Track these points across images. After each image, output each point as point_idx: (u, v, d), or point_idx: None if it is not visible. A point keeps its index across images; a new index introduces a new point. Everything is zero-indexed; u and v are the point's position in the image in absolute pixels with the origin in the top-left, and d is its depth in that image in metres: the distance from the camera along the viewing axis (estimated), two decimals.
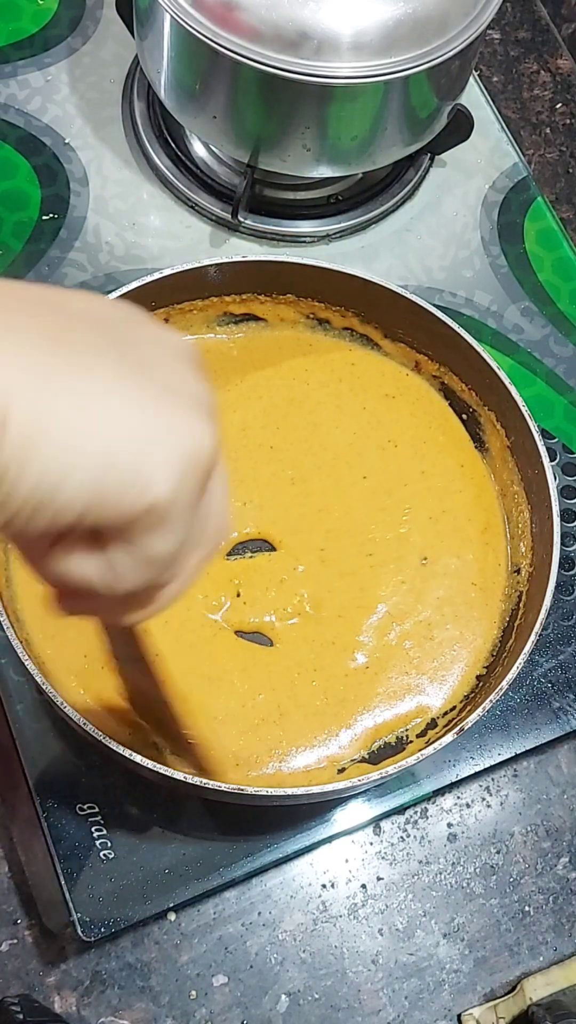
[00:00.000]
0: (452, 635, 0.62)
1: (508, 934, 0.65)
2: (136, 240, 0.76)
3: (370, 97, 0.64)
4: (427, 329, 0.65)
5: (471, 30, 0.64)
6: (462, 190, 0.81)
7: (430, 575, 0.63)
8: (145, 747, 0.57)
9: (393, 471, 0.65)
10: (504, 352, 0.77)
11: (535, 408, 0.65)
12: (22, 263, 0.75)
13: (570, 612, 0.69)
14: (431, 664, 0.61)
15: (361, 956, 0.64)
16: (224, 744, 0.58)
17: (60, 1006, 0.61)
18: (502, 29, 0.95)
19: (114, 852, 0.60)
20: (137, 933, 0.63)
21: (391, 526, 0.64)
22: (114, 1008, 0.61)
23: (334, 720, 0.59)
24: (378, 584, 0.62)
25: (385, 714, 0.60)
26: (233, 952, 0.63)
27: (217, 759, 0.58)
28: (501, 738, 0.66)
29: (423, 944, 0.64)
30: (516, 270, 0.78)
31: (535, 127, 0.92)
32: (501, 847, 0.67)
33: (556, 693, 0.67)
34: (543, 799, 0.68)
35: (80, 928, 0.59)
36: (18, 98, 0.79)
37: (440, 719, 0.60)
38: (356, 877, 0.65)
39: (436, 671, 0.61)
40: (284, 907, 0.64)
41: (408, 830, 0.66)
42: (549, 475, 0.60)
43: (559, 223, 0.81)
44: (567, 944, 0.65)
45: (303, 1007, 0.62)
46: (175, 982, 0.62)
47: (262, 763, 0.58)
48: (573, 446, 0.73)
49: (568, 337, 0.78)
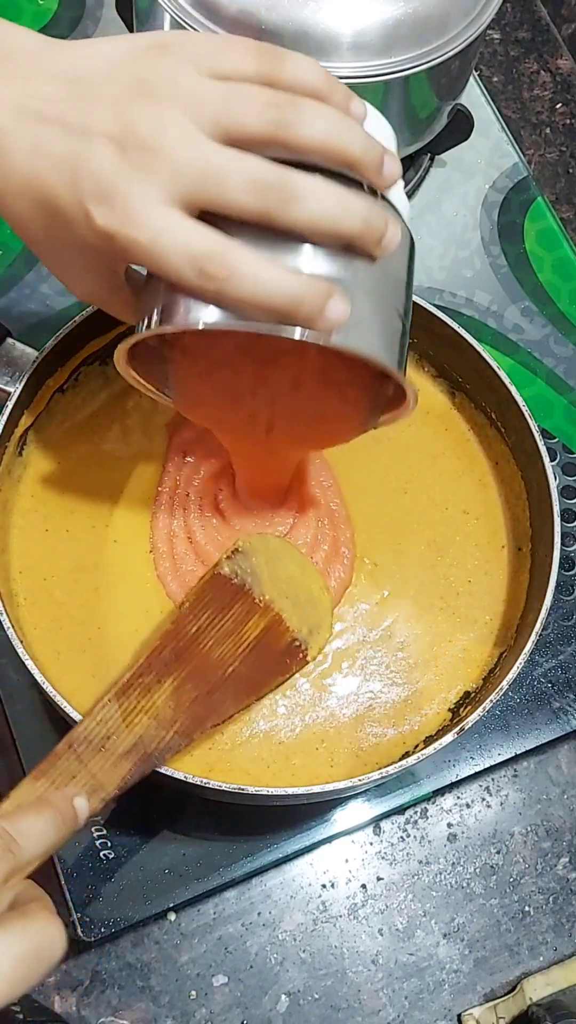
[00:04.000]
0: (451, 635, 0.62)
1: (508, 934, 0.65)
2: None
3: (370, 97, 0.64)
4: (427, 329, 0.65)
5: (471, 30, 0.64)
6: (462, 190, 0.81)
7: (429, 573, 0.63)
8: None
9: (393, 471, 0.65)
10: (504, 352, 0.77)
11: (535, 408, 0.65)
12: (22, 263, 0.75)
13: (570, 612, 0.69)
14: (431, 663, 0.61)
15: (361, 956, 0.64)
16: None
17: (60, 1006, 0.61)
18: (502, 29, 0.95)
19: (114, 852, 0.60)
20: (137, 933, 0.63)
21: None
22: (114, 1008, 0.61)
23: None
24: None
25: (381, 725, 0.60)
26: (233, 952, 0.63)
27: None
28: (501, 738, 0.66)
29: (423, 944, 0.64)
30: (516, 270, 0.78)
31: (535, 127, 0.92)
32: (501, 847, 0.67)
33: (556, 693, 0.67)
34: (543, 799, 0.68)
35: (80, 928, 0.59)
36: None
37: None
38: (356, 877, 0.65)
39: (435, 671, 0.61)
40: (284, 907, 0.64)
41: (408, 830, 0.66)
42: (549, 475, 0.60)
43: (559, 223, 0.81)
44: (567, 944, 0.65)
45: (303, 1007, 0.62)
46: (175, 982, 0.62)
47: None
48: (573, 446, 0.73)
49: (568, 337, 0.78)
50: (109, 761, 0.50)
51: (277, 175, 0.40)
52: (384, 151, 0.43)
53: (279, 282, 0.40)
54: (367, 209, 0.41)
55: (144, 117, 0.39)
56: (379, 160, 0.42)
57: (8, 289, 0.74)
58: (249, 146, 0.40)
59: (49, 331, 0.60)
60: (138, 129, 0.39)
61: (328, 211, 0.40)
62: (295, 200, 0.40)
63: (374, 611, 0.62)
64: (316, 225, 0.40)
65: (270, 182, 0.39)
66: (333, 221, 0.41)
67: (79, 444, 0.63)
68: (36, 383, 0.61)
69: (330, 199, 0.40)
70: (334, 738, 0.59)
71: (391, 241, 0.42)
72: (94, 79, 0.40)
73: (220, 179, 0.39)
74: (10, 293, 0.74)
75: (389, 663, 0.61)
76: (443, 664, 0.61)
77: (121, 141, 0.39)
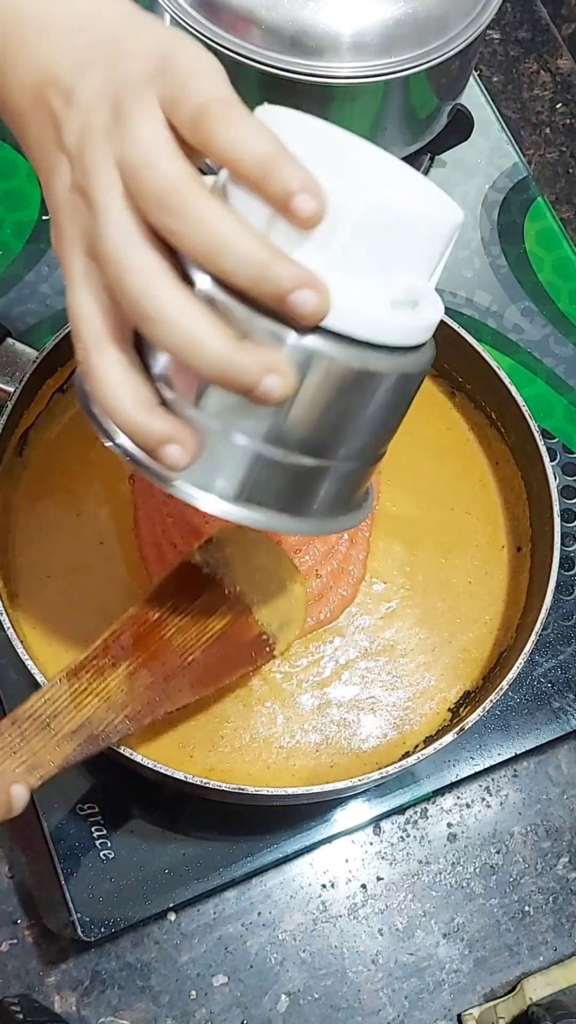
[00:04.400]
0: (451, 635, 0.62)
1: (508, 934, 0.65)
2: None
3: (370, 97, 0.64)
4: None
5: (471, 30, 0.64)
6: (462, 190, 0.81)
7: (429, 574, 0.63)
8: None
9: (394, 470, 0.65)
10: (504, 352, 0.77)
11: (535, 408, 0.65)
12: (22, 263, 0.75)
13: (570, 612, 0.69)
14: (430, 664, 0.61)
15: (361, 956, 0.64)
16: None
17: (60, 1006, 0.61)
18: (502, 29, 0.95)
19: (114, 852, 0.60)
20: (137, 933, 0.63)
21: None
22: (114, 1008, 0.61)
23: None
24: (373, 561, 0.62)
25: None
26: (233, 952, 0.63)
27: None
28: (501, 738, 0.66)
29: (423, 944, 0.64)
30: (516, 270, 0.78)
31: (535, 127, 0.92)
32: (501, 847, 0.67)
33: (556, 693, 0.67)
34: (543, 799, 0.68)
35: (80, 928, 0.59)
36: None
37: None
38: (356, 877, 0.65)
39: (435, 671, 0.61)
40: (284, 907, 0.64)
41: (408, 830, 0.66)
42: (549, 475, 0.60)
43: (559, 223, 0.81)
44: (567, 944, 0.65)
45: (303, 1007, 0.62)
46: (175, 982, 0.62)
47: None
48: (573, 446, 0.73)
49: (568, 337, 0.78)
50: (52, 740, 0.49)
51: (138, 286, 0.34)
52: (296, 272, 0.34)
53: (123, 412, 0.36)
54: (229, 352, 0.34)
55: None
56: (278, 286, 0.34)
57: (8, 289, 0.75)
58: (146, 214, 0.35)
59: (49, 331, 0.60)
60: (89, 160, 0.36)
61: (178, 345, 0.34)
62: (147, 320, 0.35)
63: (378, 624, 0.61)
64: (175, 356, 0.35)
65: (129, 291, 0.34)
66: (186, 358, 0.35)
67: (79, 444, 0.63)
68: (36, 383, 0.61)
69: (180, 332, 0.34)
70: (334, 741, 0.59)
71: (267, 392, 0.35)
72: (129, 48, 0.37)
73: (106, 258, 0.35)
74: (10, 293, 0.74)
75: (391, 670, 0.60)
76: (443, 664, 0.61)
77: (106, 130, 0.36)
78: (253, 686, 0.59)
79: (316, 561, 0.61)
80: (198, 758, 0.57)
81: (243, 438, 0.37)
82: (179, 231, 0.34)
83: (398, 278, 0.37)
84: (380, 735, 0.59)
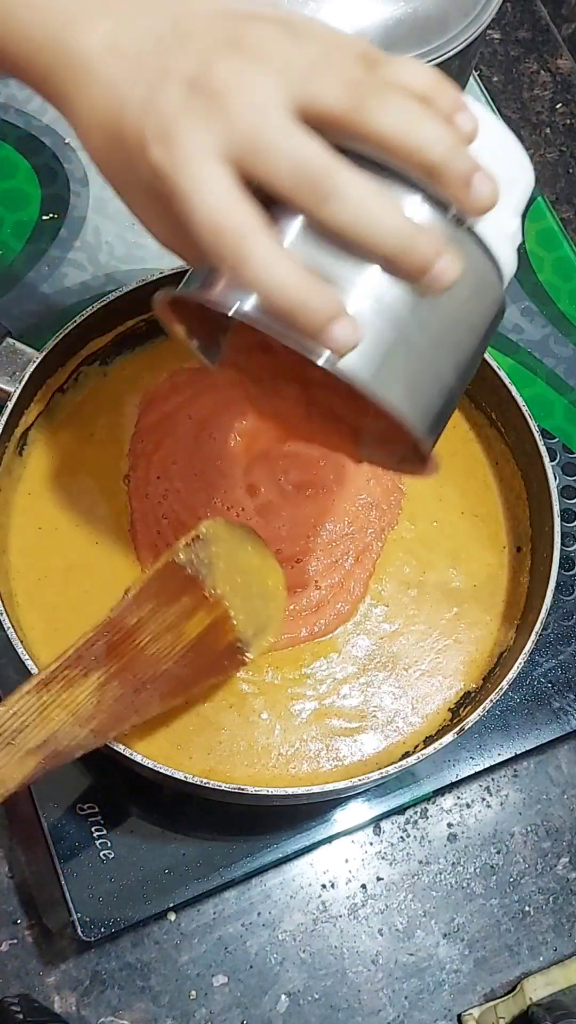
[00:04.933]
0: (451, 635, 0.62)
1: (508, 934, 0.65)
2: (136, 240, 0.76)
3: None
4: None
5: (471, 30, 0.64)
6: None
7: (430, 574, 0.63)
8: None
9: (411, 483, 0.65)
10: (504, 352, 0.77)
11: (535, 408, 0.65)
12: (22, 263, 0.75)
13: (570, 612, 0.69)
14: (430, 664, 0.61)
15: (361, 956, 0.64)
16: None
17: (60, 1006, 0.61)
18: (502, 29, 0.95)
19: (114, 852, 0.60)
20: (137, 933, 0.63)
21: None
22: (114, 1008, 0.61)
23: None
24: (375, 581, 0.62)
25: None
26: (233, 952, 0.63)
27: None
28: (501, 738, 0.66)
29: (423, 944, 0.64)
30: (516, 270, 0.78)
31: (535, 127, 0.92)
32: (501, 847, 0.67)
33: (556, 693, 0.67)
34: (543, 799, 0.68)
35: (80, 928, 0.59)
36: (18, 98, 0.79)
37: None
38: (356, 877, 0.65)
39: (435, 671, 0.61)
40: (284, 907, 0.64)
41: (408, 830, 0.66)
42: (549, 475, 0.60)
43: (559, 223, 0.81)
44: (567, 944, 0.65)
45: (303, 1007, 0.62)
46: (175, 982, 0.62)
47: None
48: (573, 446, 0.73)
49: (568, 337, 0.78)
50: (15, 757, 0.47)
51: (321, 166, 0.36)
52: (475, 168, 0.37)
53: (282, 292, 0.36)
54: (411, 230, 0.36)
55: (225, 69, 0.37)
56: (464, 173, 0.37)
57: (8, 289, 0.74)
58: (324, 126, 0.37)
59: (49, 331, 0.60)
60: (214, 78, 0.37)
61: (359, 220, 0.36)
62: (328, 198, 0.36)
63: (380, 643, 0.61)
64: (346, 233, 0.36)
65: (311, 172, 0.36)
66: (363, 233, 0.36)
67: (78, 445, 0.63)
68: (36, 383, 0.61)
69: (366, 207, 0.36)
70: (334, 747, 0.59)
71: (438, 277, 0.37)
72: (194, 29, 0.39)
73: (268, 155, 0.36)
74: (10, 293, 0.74)
75: (392, 679, 0.60)
76: (443, 664, 0.61)
77: (195, 84, 0.37)
78: (247, 698, 0.59)
79: (318, 572, 0.61)
80: (197, 759, 0.57)
81: (389, 325, 0.38)
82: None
83: (513, 217, 0.41)
84: (381, 737, 0.59)
